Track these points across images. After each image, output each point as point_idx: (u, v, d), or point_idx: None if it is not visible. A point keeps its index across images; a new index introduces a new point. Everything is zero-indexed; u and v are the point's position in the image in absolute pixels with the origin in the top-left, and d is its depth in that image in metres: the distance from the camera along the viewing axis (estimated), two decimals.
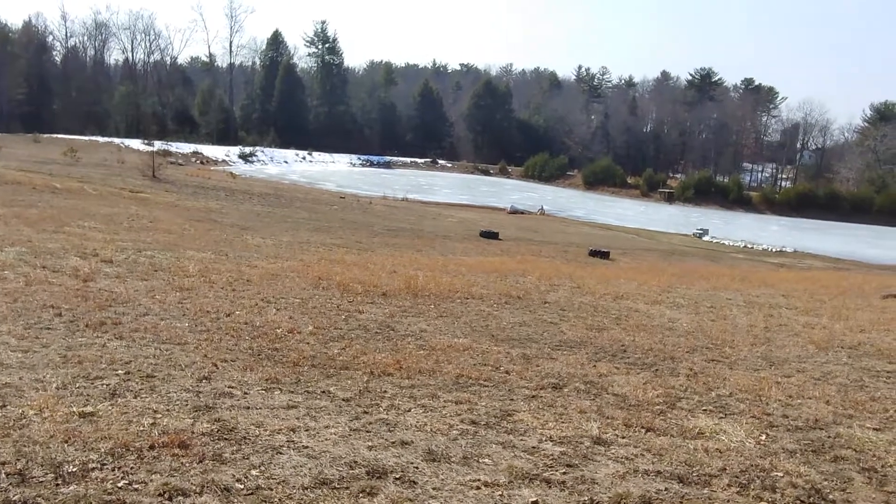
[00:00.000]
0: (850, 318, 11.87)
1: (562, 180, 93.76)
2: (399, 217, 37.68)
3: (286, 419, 4.52)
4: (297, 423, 4.44)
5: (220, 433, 4.15)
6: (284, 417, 4.56)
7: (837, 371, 7.53)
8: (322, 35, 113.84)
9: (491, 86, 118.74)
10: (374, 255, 17.39)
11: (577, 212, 62.44)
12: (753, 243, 49.13)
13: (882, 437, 5.28)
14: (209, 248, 14.53)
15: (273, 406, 4.78)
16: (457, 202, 59.19)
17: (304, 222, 27.71)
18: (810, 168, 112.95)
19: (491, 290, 11.53)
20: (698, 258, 33.86)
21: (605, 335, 8.51)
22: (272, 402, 4.87)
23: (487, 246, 26.96)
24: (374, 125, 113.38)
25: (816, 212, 77.33)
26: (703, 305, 12.05)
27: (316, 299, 9.24)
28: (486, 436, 4.57)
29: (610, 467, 4.19)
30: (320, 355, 6.38)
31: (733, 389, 6.35)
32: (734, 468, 4.34)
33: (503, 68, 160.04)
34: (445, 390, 5.61)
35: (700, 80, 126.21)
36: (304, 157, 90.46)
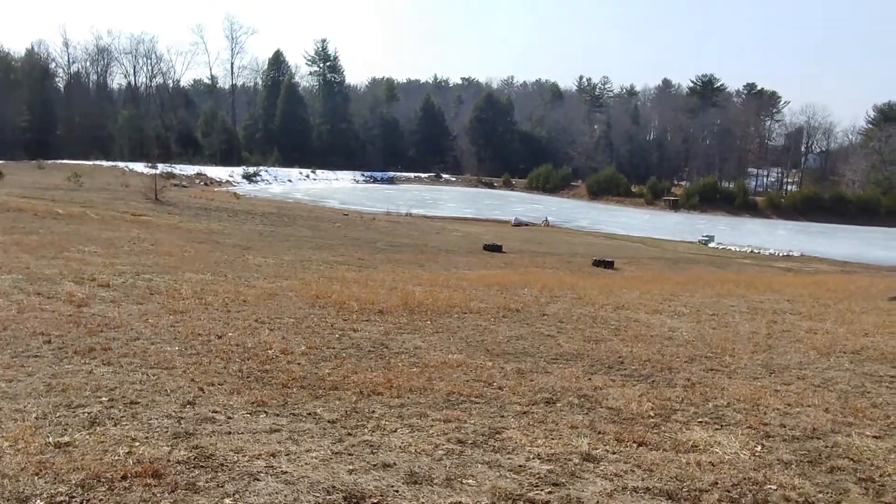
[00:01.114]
0: (854, 321, 11.73)
1: (566, 191, 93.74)
2: (402, 232, 37.67)
3: (267, 444, 4.43)
4: (278, 448, 4.35)
5: (197, 460, 4.06)
6: (266, 442, 4.47)
7: (839, 377, 7.40)
8: (323, 53, 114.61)
9: (492, 99, 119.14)
10: (376, 272, 17.33)
11: (581, 222, 62.35)
12: (760, 248, 48.93)
13: (881, 444, 5.16)
14: (209, 270, 14.49)
15: (256, 430, 4.69)
16: (461, 216, 59.17)
17: (306, 240, 27.71)
18: (815, 171, 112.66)
19: (490, 303, 11.44)
20: (704, 265, 33.69)
21: (603, 347, 8.40)
22: (255, 427, 4.78)
23: (491, 259, 26.87)
24: (376, 141, 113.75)
25: (823, 215, 77.04)
26: (706, 313, 11.92)
27: (311, 318, 9.16)
28: (472, 455, 4.47)
29: (598, 485, 4.08)
30: (310, 376, 6.30)
31: (731, 399, 6.23)
32: (726, 482, 4.23)
33: (504, 81, 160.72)
34: (435, 408, 5.51)
35: (702, 86, 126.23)
36: (307, 175, 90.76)
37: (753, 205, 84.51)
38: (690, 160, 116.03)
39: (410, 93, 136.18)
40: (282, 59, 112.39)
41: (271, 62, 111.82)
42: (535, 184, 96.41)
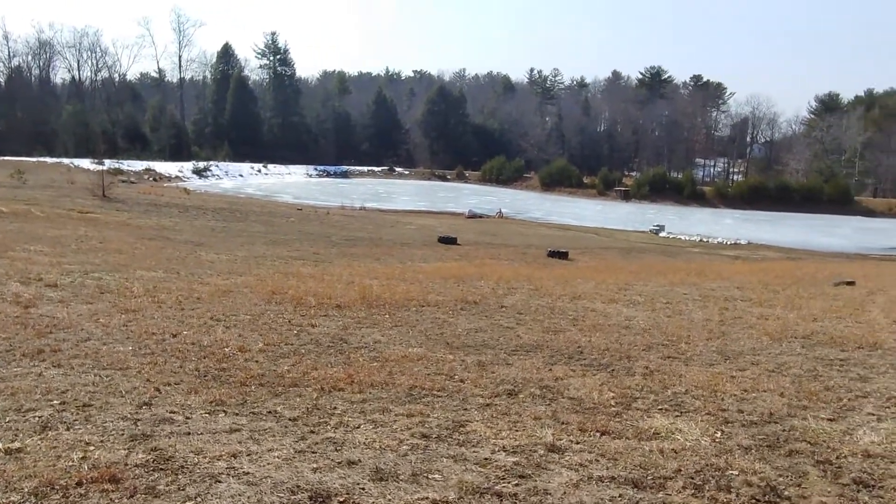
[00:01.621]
0: (803, 307, 12.01)
1: (519, 183, 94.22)
2: (357, 226, 37.43)
3: (228, 444, 4.34)
4: (240, 448, 4.26)
5: (156, 463, 3.95)
6: (226, 442, 4.37)
7: (791, 362, 7.56)
8: (273, 46, 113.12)
9: (445, 91, 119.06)
10: (332, 267, 17.18)
11: (535, 213, 62.73)
12: (709, 237, 49.83)
13: (836, 427, 5.28)
14: (160, 267, 14.19)
15: (215, 430, 4.59)
16: (415, 209, 59.05)
17: (260, 236, 27.33)
18: (760, 161, 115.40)
19: (447, 296, 11.42)
20: (655, 254, 34.19)
21: (562, 337, 8.45)
22: (215, 427, 4.68)
23: (446, 252, 26.87)
24: (329, 135, 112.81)
25: (768, 204, 78.81)
26: (660, 302, 12.07)
27: (268, 315, 9.03)
28: (438, 449, 4.44)
29: (564, 476, 4.09)
30: (269, 373, 6.19)
31: (689, 386, 6.31)
32: (689, 469, 4.27)
33: (456, 74, 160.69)
34: (397, 403, 5.47)
35: (650, 78, 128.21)
36: (259, 169, 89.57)
37: (701, 194, 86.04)
38: (640, 151, 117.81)
39: (362, 86, 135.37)
40: (231, 52, 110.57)
41: (220, 55, 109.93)
42: (489, 176, 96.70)
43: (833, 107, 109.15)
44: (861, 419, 5.52)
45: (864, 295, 14.43)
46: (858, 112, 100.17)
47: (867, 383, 6.71)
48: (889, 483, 4.18)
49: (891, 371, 7.28)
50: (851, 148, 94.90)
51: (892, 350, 8.37)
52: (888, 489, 4.09)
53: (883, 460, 4.56)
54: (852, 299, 13.43)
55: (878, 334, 9.33)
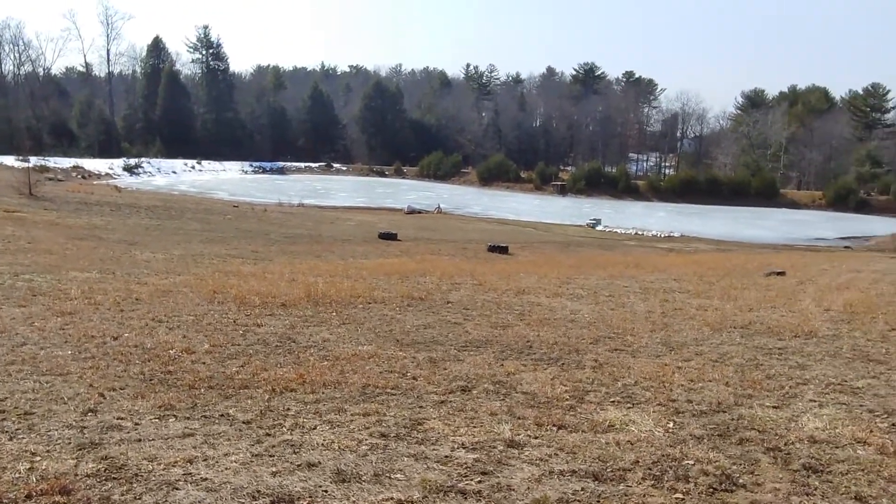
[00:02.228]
0: (738, 297, 12.35)
1: (457, 178, 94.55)
2: (296, 223, 36.97)
3: (182, 449, 4.21)
4: (195, 453, 4.15)
5: (108, 472, 3.81)
6: (180, 448, 4.25)
7: (733, 351, 7.76)
8: (205, 40, 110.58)
9: (381, 87, 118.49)
10: (272, 264, 16.91)
11: (473, 208, 63.05)
12: (643, 230, 50.93)
13: (781, 414, 5.44)
14: (94, 268, 13.75)
15: (167, 436, 4.46)
16: (354, 205, 58.72)
17: (196, 234, 26.75)
18: (691, 155, 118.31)
19: (393, 292, 11.36)
20: (593, 247, 34.75)
21: (510, 332, 8.49)
22: (166, 432, 4.54)
23: (387, 247, 26.77)
24: (264, 131, 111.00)
25: (699, 197, 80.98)
26: (602, 295, 12.26)
27: (211, 315, 8.82)
28: (397, 448, 4.40)
29: (525, 471, 4.11)
30: (217, 375, 6.05)
31: (638, 378, 6.42)
32: (647, 460, 4.34)
33: (392, 69, 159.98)
34: (352, 402, 5.41)
35: (584, 74, 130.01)
36: (193, 166, 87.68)
37: (635, 188, 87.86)
38: (575, 146, 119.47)
39: (298, 81, 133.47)
40: (161, 45, 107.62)
41: (150, 49, 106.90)
42: (427, 171, 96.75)
43: (758, 103, 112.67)
44: (804, 406, 5.70)
45: (794, 285, 14.94)
46: (783, 108, 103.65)
47: (806, 371, 6.94)
48: (836, 468, 4.32)
49: (827, 358, 7.54)
50: (776, 142, 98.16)
51: (826, 338, 8.68)
52: (836, 474, 4.24)
53: (828, 445, 4.72)
54: (784, 289, 13.88)
55: (812, 323, 9.67)
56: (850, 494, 3.96)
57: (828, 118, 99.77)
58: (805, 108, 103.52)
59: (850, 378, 6.70)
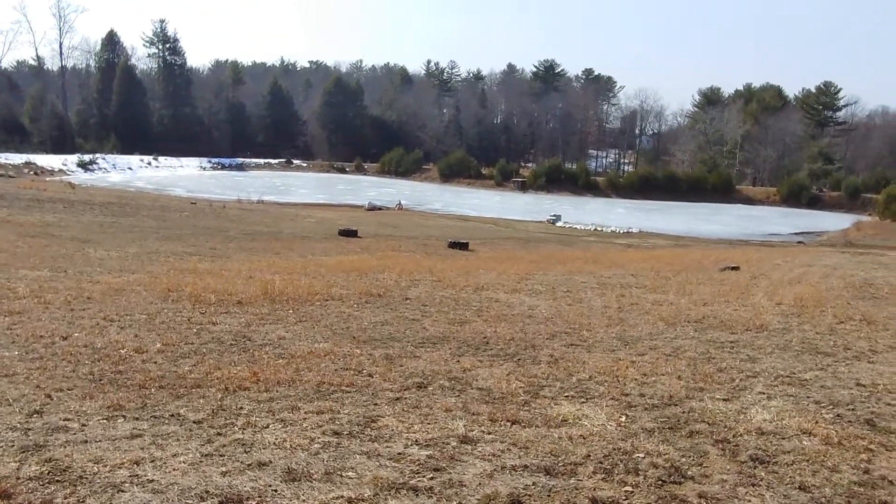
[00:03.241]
0: (693, 292, 12.54)
1: (418, 174, 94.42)
2: (255, 220, 36.55)
3: (129, 450, 4.13)
4: (142, 454, 4.07)
5: (52, 475, 3.72)
6: (127, 449, 4.17)
7: (686, 345, 7.88)
8: (162, 35, 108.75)
9: (342, 83, 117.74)
10: (230, 262, 16.71)
11: (434, 205, 63.02)
12: (603, 226, 51.40)
13: (731, 406, 5.53)
14: (45, 266, 13.45)
15: (114, 437, 4.37)
16: (314, 202, 58.28)
17: (152, 231, 26.28)
18: (649, 152, 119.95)
19: (351, 289, 11.31)
20: (553, 243, 34.96)
21: (468, 328, 8.51)
22: (114, 433, 4.45)
23: (347, 244, 26.62)
24: (222, 127, 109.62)
25: (657, 193, 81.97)
26: (560, 290, 12.35)
27: (165, 313, 8.69)
28: (350, 446, 4.38)
29: (478, 466, 4.12)
30: (169, 375, 5.96)
31: (592, 373, 6.48)
32: (598, 454, 4.38)
33: (353, 65, 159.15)
34: (306, 400, 5.36)
35: (544, 71, 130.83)
36: (149, 162, 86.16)
37: (595, 185, 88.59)
38: (536, 143, 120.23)
39: (257, 76, 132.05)
40: (116, 39, 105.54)
41: (104, 43, 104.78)
42: (388, 168, 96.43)
43: (715, 100, 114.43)
44: (753, 398, 5.81)
45: (748, 279, 15.21)
46: (738, 105, 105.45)
47: (756, 364, 7.08)
48: (782, 458, 4.41)
49: (777, 351, 7.70)
50: (732, 139, 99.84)
51: (776, 331, 8.86)
52: (782, 464, 4.32)
53: (775, 437, 4.82)
54: (738, 284, 14.13)
55: (764, 316, 9.86)
56: (795, 484, 4.05)
57: (781, 116, 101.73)
58: (759, 106, 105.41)
59: (799, 370, 6.85)
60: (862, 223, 62.21)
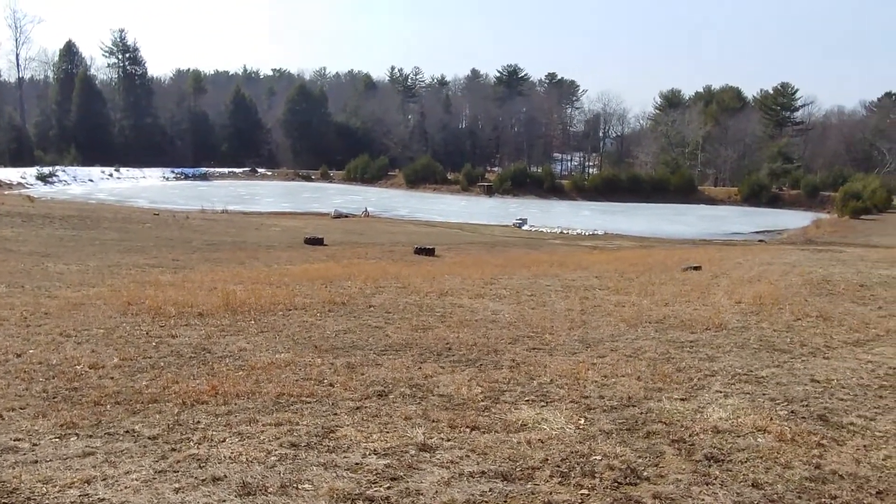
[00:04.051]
0: (655, 293, 12.67)
1: (384, 181, 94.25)
2: (219, 230, 36.20)
3: (80, 469, 4.06)
4: (93, 473, 4.01)
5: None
6: (79, 468, 4.10)
7: (647, 346, 7.96)
8: (121, 44, 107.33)
9: (305, 90, 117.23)
10: (193, 273, 16.52)
11: (401, 211, 62.96)
12: (569, 229, 51.75)
13: (688, 406, 5.60)
14: (2, 281, 13.19)
15: (66, 456, 4.29)
16: (280, 211, 57.87)
17: (113, 244, 25.90)
18: (613, 155, 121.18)
19: (315, 298, 11.24)
20: (519, 247, 35.11)
21: (431, 334, 8.51)
22: (65, 452, 4.37)
23: (313, 252, 26.46)
24: (185, 136, 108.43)
25: (622, 195, 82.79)
26: (524, 294, 12.40)
27: (123, 328, 8.56)
28: (307, 458, 4.35)
29: (435, 474, 4.12)
30: (126, 390, 5.87)
31: (553, 376, 6.52)
32: (556, 457, 4.41)
33: (317, 72, 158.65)
34: (265, 413, 5.32)
35: (508, 76, 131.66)
36: (111, 174, 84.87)
37: (560, 188, 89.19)
38: (501, 147, 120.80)
39: (219, 85, 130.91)
40: (75, 49, 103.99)
41: (63, 53, 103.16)
42: (354, 175, 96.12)
43: (676, 102, 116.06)
44: (710, 397, 5.88)
45: (709, 279, 15.40)
46: (698, 107, 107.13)
47: (714, 362, 7.17)
48: (736, 456, 4.48)
49: (735, 350, 7.81)
50: (693, 141, 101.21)
51: (735, 330, 8.99)
52: (736, 462, 4.39)
53: (730, 435, 4.89)
54: (699, 283, 14.31)
55: (723, 315, 10.00)
56: (749, 482, 4.11)
57: (741, 117, 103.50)
58: (719, 108, 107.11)
59: (756, 368, 6.96)
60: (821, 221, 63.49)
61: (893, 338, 8.64)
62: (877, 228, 56.56)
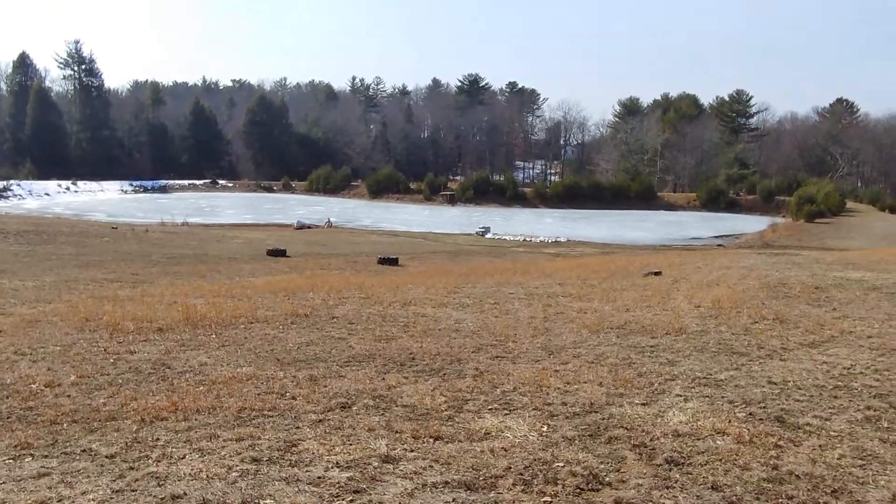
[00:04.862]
0: (617, 299, 12.79)
1: (347, 191, 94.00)
2: (180, 243, 35.73)
3: (35, 491, 3.98)
4: (48, 494, 3.92)
5: None
6: (33, 489, 4.01)
7: (608, 352, 8.03)
8: (77, 56, 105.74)
9: (266, 101, 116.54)
10: (152, 287, 16.27)
11: (364, 221, 62.82)
12: (532, 236, 52.09)
13: (649, 411, 5.67)
14: None
15: (20, 477, 4.20)
16: (241, 222, 57.37)
17: (70, 258, 25.41)
18: (574, 162, 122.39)
19: (277, 310, 11.14)
20: (483, 255, 35.23)
21: (394, 345, 8.48)
22: (20, 473, 4.27)
23: (275, 265, 26.24)
24: (144, 149, 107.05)
25: (583, 202, 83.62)
26: (488, 302, 12.43)
27: (80, 344, 8.40)
28: (269, 473, 4.31)
29: (398, 486, 4.10)
30: (83, 408, 5.76)
31: (516, 384, 6.54)
32: (519, 465, 4.42)
33: (277, 82, 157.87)
34: (226, 428, 5.26)
35: (469, 85, 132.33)
36: (67, 187, 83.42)
37: (523, 196, 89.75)
38: (463, 156, 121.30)
39: (178, 96, 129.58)
40: (28, 61, 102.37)
41: (16, 65, 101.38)
42: (316, 186, 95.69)
43: (634, 110, 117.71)
44: (670, 401, 5.96)
45: (669, 284, 15.60)
46: (657, 114, 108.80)
47: (675, 367, 7.26)
48: (696, 459, 4.54)
49: (695, 353, 7.93)
50: (652, 148, 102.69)
51: (695, 334, 9.12)
52: (696, 465, 4.45)
53: (690, 438, 4.96)
54: (659, 289, 14.48)
55: (683, 320, 10.13)
56: (708, 484, 4.17)
57: (698, 124, 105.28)
58: (677, 115, 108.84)
59: (715, 371, 7.07)
60: (777, 225, 64.75)
61: (847, 339, 8.84)
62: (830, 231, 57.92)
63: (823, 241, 50.23)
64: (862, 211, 75.92)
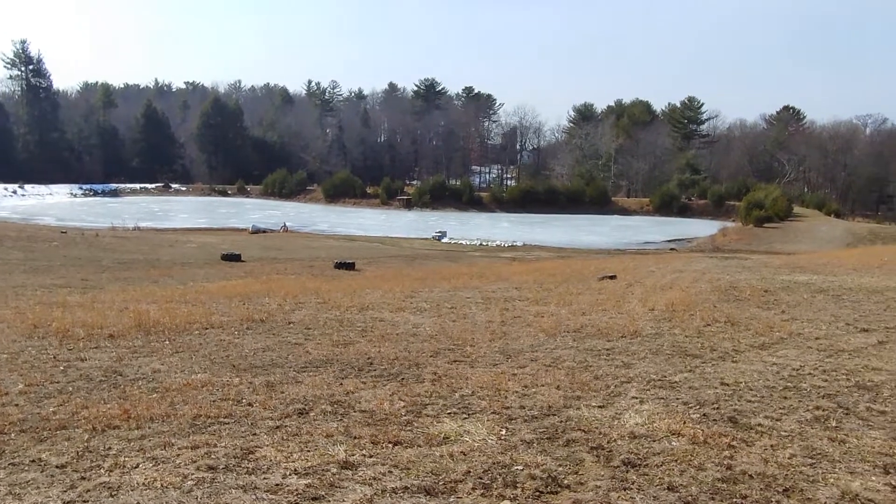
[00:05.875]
0: (573, 302, 12.92)
1: (303, 196, 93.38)
2: (131, 248, 35.09)
3: None
4: None
5: None
6: None
7: (565, 355, 8.10)
8: (24, 56, 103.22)
9: (220, 104, 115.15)
10: (103, 293, 15.94)
11: (320, 226, 62.45)
12: (488, 240, 52.35)
13: (606, 413, 5.73)
14: None
15: None
16: (195, 227, 56.58)
17: (17, 264, 24.78)
18: (530, 167, 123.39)
19: (232, 316, 11.00)
20: (439, 260, 35.28)
21: (352, 349, 8.44)
22: None
23: (230, 269, 25.95)
24: (94, 151, 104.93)
25: (539, 206, 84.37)
26: (445, 307, 12.44)
27: (28, 352, 8.17)
28: (225, 481, 4.24)
29: (358, 492, 4.08)
30: (31, 417, 5.60)
31: (475, 388, 6.55)
32: (478, 469, 4.43)
33: (232, 85, 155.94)
34: (181, 436, 5.16)
35: (425, 90, 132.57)
36: (14, 190, 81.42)
37: (479, 200, 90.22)
38: (420, 160, 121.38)
39: (130, 98, 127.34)
40: None
41: None
42: (271, 190, 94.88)
43: (589, 116, 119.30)
44: (626, 403, 6.03)
45: (623, 287, 15.81)
46: (610, 120, 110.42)
47: (630, 369, 7.36)
48: (652, 460, 4.60)
49: (650, 356, 8.04)
50: (606, 153, 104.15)
51: (649, 336, 9.25)
52: (652, 466, 4.51)
53: (646, 440, 5.02)
54: (614, 292, 14.67)
55: (638, 323, 10.28)
56: (664, 485, 4.22)
57: (651, 130, 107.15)
58: (630, 121, 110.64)
59: (669, 373, 7.18)
60: (727, 229, 66.15)
61: (796, 340, 9.05)
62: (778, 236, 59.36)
63: (772, 244, 51.44)
64: (808, 216, 78.01)
